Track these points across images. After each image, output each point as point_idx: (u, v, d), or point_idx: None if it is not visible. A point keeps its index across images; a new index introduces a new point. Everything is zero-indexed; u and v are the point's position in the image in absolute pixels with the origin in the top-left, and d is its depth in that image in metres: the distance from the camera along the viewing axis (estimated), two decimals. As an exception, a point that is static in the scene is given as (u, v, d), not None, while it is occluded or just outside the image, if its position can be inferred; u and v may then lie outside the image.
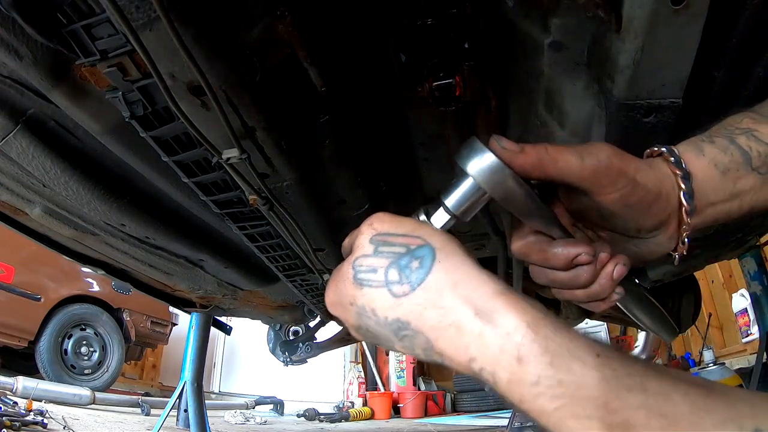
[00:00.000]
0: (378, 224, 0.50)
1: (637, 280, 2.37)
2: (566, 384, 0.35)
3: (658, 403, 0.34)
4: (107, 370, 4.89)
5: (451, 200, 0.51)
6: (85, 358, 4.76)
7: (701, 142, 0.54)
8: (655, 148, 0.54)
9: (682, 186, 0.51)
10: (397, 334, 0.44)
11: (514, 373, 0.37)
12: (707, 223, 0.54)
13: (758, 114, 0.56)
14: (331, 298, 0.51)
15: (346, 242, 0.54)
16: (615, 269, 0.52)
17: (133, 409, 4.19)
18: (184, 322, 4.24)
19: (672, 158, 0.52)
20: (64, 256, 1.55)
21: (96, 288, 4.97)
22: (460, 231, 1.59)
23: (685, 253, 0.56)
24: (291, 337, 2.99)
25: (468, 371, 0.40)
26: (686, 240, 0.54)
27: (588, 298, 0.54)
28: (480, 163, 0.48)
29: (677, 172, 0.51)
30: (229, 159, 0.83)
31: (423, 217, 0.53)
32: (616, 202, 0.50)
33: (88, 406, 3.83)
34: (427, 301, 0.42)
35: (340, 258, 0.54)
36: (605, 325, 8.18)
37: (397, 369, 8.12)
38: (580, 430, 0.34)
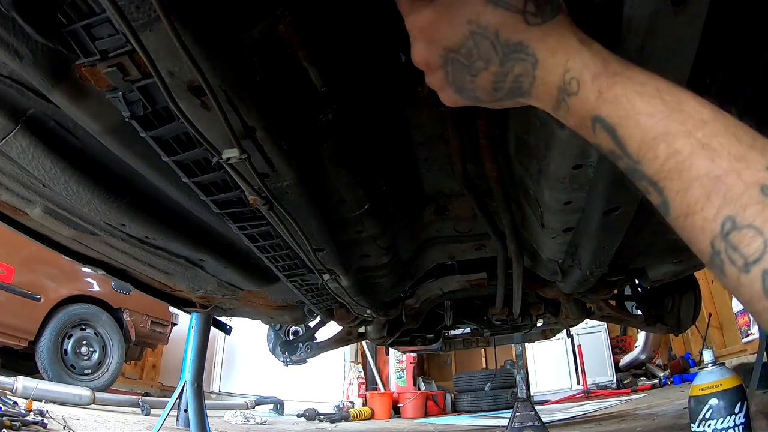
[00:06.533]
0: None
1: (638, 281, 2.33)
2: (635, 76, 0.45)
3: (708, 104, 0.41)
4: (107, 370, 4.88)
5: None
6: (85, 358, 4.75)
7: None
8: None
9: None
10: (507, 56, 0.52)
11: (598, 70, 0.47)
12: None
13: None
14: (431, 16, 0.54)
15: None
16: None
17: (133, 409, 4.19)
18: (184, 322, 4.23)
19: None
20: (64, 256, 1.55)
21: (96, 288, 4.96)
22: (460, 231, 1.59)
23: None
24: (291, 337, 2.99)
25: (553, 83, 0.50)
26: None
27: None
28: None
29: None
30: (229, 159, 0.83)
31: None
32: None
33: (88, 406, 3.83)
34: (550, 31, 0.51)
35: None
36: (605, 325, 8.19)
37: (397, 369, 8.12)
38: (645, 104, 0.43)
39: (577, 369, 8.17)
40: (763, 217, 0.33)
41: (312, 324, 2.85)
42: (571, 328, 3.48)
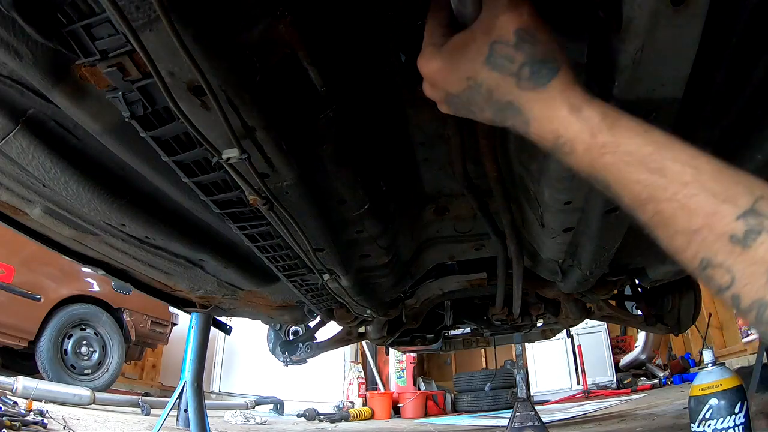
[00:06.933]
0: (527, 17, 0.57)
1: (638, 281, 2.32)
2: (622, 146, 0.50)
3: (689, 158, 0.47)
4: (107, 370, 4.88)
5: None
6: (85, 358, 4.75)
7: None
8: None
9: None
10: (499, 110, 0.59)
11: (587, 142, 0.52)
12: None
13: None
14: (438, 65, 0.62)
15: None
16: None
17: (133, 409, 4.19)
18: (184, 322, 4.24)
19: None
20: (64, 256, 1.55)
21: (96, 288, 4.96)
22: (460, 231, 1.59)
23: None
24: (291, 337, 2.98)
25: (549, 143, 0.56)
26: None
27: None
28: None
29: None
30: (229, 159, 0.83)
31: None
32: None
33: (88, 406, 3.83)
34: (542, 97, 0.55)
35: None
36: (605, 325, 8.19)
37: (397, 369, 8.12)
38: (631, 173, 0.49)
39: (577, 369, 8.17)
40: (731, 259, 0.43)
41: (312, 324, 2.84)
42: (571, 328, 3.48)
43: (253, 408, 5.88)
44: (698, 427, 1.79)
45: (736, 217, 0.43)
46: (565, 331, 3.38)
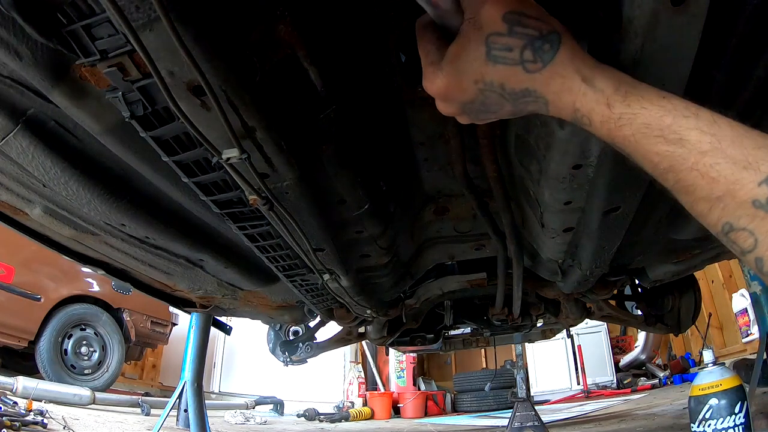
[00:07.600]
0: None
1: (638, 281, 2.33)
2: (639, 117, 0.50)
3: (708, 125, 0.47)
4: (107, 370, 4.88)
5: None
6: (85, 358, 4.75)
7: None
8: None
9: None
10: (517, 100, 0.59)
11: (604, 114, 0.52)
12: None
13: None
14: (443, 81, 0.61)
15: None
16: None
17: (133, 409, 4.19)
18: (184, 322, 4.24)
19: None
20: (64, 256, 1.55)
21: (96, 288, 4.96)
22: (460, 231, 1.59)
23: None
24: (291, 337, 2.99)
25: (568, 118, 0.57)
26: None
27: None
28: None
29: None
30: (229, 159, 0.83)
31: None
32: None
33: (88, 406, 3.83)
34: (552, 73, 0.55)
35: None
36: (605, 325, 8.19)
37: (397, 369, 8.12)
38: (650, 146, 0.50)
39: (577, 369, 8.17)
40: (754, 223, 0.44)
41: (312, 324, 2.85)
42: (571, 328, 3.48)
43: (253, 408, 5.88)
44: (698, 427, 1.79)
45: (758, 183, 0.43)
46: (565, 331, 3.38)
